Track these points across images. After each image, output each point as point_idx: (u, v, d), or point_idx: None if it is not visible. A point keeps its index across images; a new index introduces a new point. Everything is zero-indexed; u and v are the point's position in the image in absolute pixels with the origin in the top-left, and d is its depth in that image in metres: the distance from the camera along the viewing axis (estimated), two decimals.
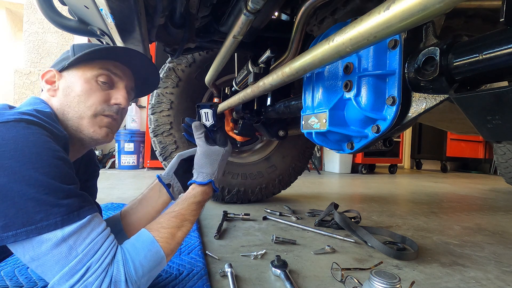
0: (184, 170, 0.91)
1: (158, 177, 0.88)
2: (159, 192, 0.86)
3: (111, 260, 0.53)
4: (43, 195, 0.47)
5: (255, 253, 1.03)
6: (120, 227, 0.79)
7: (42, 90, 0.71)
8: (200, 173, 0.79)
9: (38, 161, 0.49)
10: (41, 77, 0.68)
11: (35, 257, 0.48)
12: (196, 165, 0.80)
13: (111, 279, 0.51)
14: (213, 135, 0.87)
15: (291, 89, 1.48)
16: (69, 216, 0.49)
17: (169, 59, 1.85)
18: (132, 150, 4.01)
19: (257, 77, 1.15)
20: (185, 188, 0.90)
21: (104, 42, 1.03)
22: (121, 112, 0.73)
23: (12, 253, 0.64)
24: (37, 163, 0.48)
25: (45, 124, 0.54)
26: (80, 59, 0.67)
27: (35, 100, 0.66)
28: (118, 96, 0.71)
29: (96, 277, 0.50)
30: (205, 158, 0.80)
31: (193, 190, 0.75)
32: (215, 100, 1.86)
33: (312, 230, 1.38)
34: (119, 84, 0.73)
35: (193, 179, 0.79)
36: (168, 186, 0.88)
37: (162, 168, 3.56)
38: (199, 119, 0.89)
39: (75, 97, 0.66)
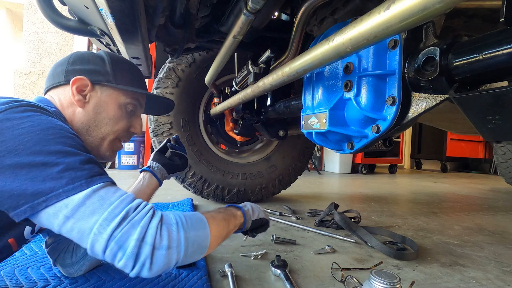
0: (159, 157, 0.99)
1: (140, 169, 0.95)
2: (143, 178, 0.91)
3: (151, 208, 0.51)
4: (65, 160, 0.49)
5: (255, 253, 1.03)
6: None
7: (52, 87, 0.69)
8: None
9: (54, 132, 0.51)
10: (72, 81, 0.66)
11: (69, 214, 0.46)
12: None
13: (160, 218, 0.49)
14: None
15: (291, 89, 1.49)
16: (92, 178, 0.49)
17: (169, 59, 1.85)
18: (132, 150, 4.00)
19: (257, 77, 1.16)
20: (163, 165, 0.96)
21: (104, 42, 1.03)
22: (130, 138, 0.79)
23: (12, 253, 0.64)
24: (54, 134, 0.50)
25: (51, 113, 0.57)
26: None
27: (41, 100, 0.66)
28: (137, 125, 0.77)
29: (143, 215, 0.48)
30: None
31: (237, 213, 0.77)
32: (215, 100, 1.86)
33: (312, 230, 1.38)
34: (139, 112, 0.78)
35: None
36: (149, 168, 0.94)
37: None
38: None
39: (105, 118, 0.69)
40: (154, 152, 1.02)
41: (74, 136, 0.54)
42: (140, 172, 0.94)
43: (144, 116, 4.29)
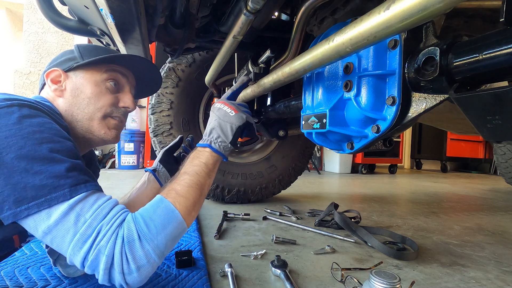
0: (167, 159, 0.97)
1: (145, 169, 0.94)
2: (147, 180, 0.90)
3: (122, 222, 0.51)
4: (48, 168, 0.48)
5: (255, 253, 1.03)
6: None
7: (42, 88, 0.71)
8: (214, 137, 0.75)
9: (42, 137, 0.50)
10: (45, 75, 0.68)
11: (46, 230, 0.48)
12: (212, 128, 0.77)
13: (123, 240, 0.49)
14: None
15: (291, 89, 1.48)
16: (76, 187, 0.50)
17: (169, 59, 1.85)
18: (132, 150, 4.01)
19: (257, 77, 1.15)
20: (168, 169, 0.95)
21: (104, 42, 1.03)
22: (127, 115, 0.77)
23: (12, 253, 0.64)
24: (41, 139, 0.50)
25: (47, 111, 0.57)
26: (90, 63, 0.69)
27: (37, 97, 0.67)
28: (126, 99, 0.74)
29: (108, 239, 0.48)
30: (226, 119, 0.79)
31: (204, 154, 0.71)
32: (215, 100, 1.86)
33: (312, 230, 1.38)
34: (126, 87, 0.75)
35: (205, 142, 0.75)
36: (154, 171, 0.93)
37: None
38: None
39: (84, 99, 0.68)
40: (163, 150, 0.99)
41: (64, 139, 0.54)
42: (146, 171, 0.93)
43: (144, 116, 4.30)
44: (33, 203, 0.47)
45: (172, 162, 0.98)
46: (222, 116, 0.77)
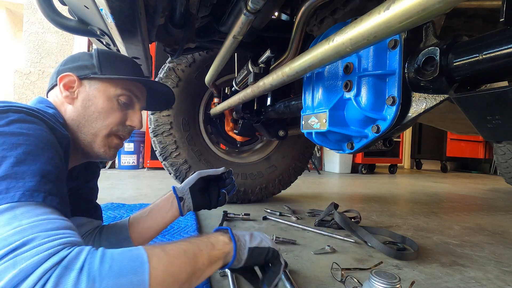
0: (200, 188, 0.87)
1: (173, 188, 0.85)
2: (170, 204, 0.83)
3: (68, 244, 0.38)
4: (15, 168, 0.42)
5: None
6: (126, 235, 0.78)
7: (51, 89, 0.69)
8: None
9: (24, 139, 0.45)
10: (59, 79, 0.65)
11: None
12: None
13: (61, 260, 0.36)
14: None
15: (291, 89, 1.49)
16: (32, 193, 0.41)
17: (169, 59, 1.85)
18: (132, 150, 4.00)
19: (257, 77, 1.16)
20: (195, 206, 0.86)
21: (104, 42, 1.03)
22: (131, 132, 0.74)
23: None
24: (23, 141, 0.45)
25: (47, 120, 0.53)
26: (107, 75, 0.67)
27: (41, 103, 0.64)
28: (135, 119, 0.71)
29: (34, 254, 0.35)
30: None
31: (219, 238, 0.57)
32: (215, 100, 1.86)
33: (312, 230, 1.38)
34: (136, 105, 0.73)
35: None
36: (180, 199, 0.83)
37: (162, 168, 3.56)
38: None
39: (94, 113, 0.66)
40: (199, 177, 0.87)
41: (50, 148, 0.48)
42: (173, 191, 0.83)
43: (144, 116, 4.30)
44: None
45: (205, 197, 0.87)
46: (264, 237, 0.64)
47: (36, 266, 0.35)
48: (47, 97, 0.70)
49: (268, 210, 1.73)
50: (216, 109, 1.72)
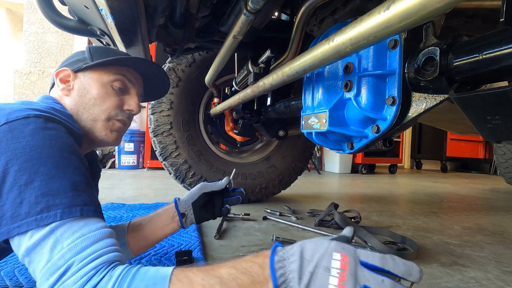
0: (203, 204, 0.85)
1: (176, 202, 0.83)
2: (171, 218, 0.81)
3: (101, 265, 0.44)
4: (48, 184, 0.46)
5: None
6: (124, 240, 0.77)
7: (52, 87, 0.73)
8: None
9: (49, 152, 0.48)
10: (55, 75, 0.69)
11: (25, 252, 0.45)
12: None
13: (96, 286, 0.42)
14: None
15: (291, 89, 1.49)
16: (71, 209, 0.46)
17: (169, 59, 1.85)
18: (132, 150, 4.01)
19: (257, 77, 1.16)
20: (198, 220, 0.85)
21: (104, 42, 1.04)
22: (131, 118, 0.77)
23: (12, 252, 0.64)
24: (48, 154, 0.48)
25: (64, 122, 0.56)
26: (99, 64, 0.69)
27: (48, 99, 0.67)
28: (131, 102, 0.74)
29: (75, 281, 0.42)
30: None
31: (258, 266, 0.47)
32: (215, 100, 1.86)
33: (312, 230, 1.38)
34: (132, 90, 0.76)
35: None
36: (182, 215, 0.82)
37: (162, 168, 3.56)
38: None
39: (90, 99, 0.69)
40: (201, 192, 0.85)
41: (73, 155, 0.52)
42: (175, 206, 0.82)
43: (144, 116, 4.30)
44: (24, 221, 0.44)
45: (205, 209, 0.87)
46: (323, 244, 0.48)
47: None
48: None
49: (268, 210, 1.73)
50: (216, 109, 1.72)
